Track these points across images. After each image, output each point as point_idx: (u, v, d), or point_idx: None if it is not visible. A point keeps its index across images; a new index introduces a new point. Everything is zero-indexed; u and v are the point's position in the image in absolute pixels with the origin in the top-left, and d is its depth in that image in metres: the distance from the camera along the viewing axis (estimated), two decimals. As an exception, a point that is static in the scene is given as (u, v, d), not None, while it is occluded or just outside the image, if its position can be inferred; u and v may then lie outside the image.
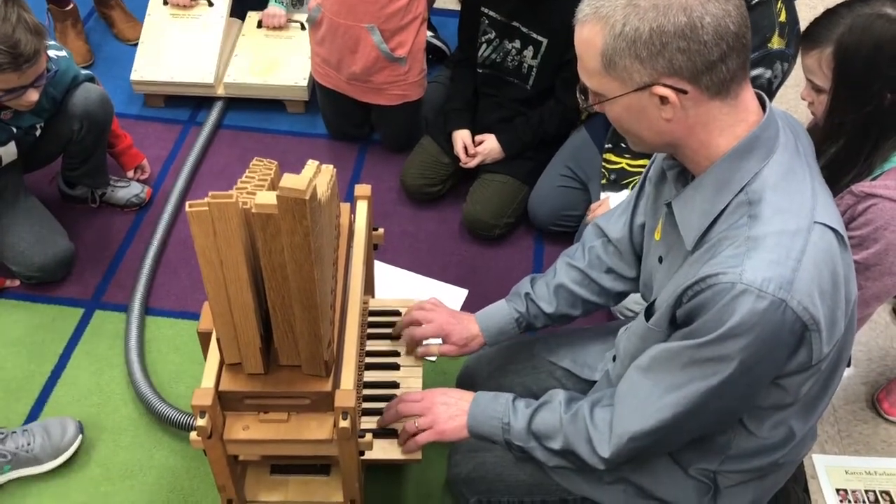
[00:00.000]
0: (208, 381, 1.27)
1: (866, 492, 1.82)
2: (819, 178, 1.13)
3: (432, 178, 2.38)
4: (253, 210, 1.05)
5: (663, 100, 1.04)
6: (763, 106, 1.11)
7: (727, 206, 1.09)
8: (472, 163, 2.30)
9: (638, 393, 1.18)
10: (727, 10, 1.00)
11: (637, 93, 1.04)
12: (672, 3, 0.99)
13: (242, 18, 2.88)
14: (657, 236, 1.28)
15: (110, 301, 2.16)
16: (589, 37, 1.05)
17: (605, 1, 1.03)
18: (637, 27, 1.00)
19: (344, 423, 1.23)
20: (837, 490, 1.82)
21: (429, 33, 2.82)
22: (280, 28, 2.80)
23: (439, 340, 1.53)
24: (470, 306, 2.16)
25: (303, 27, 2.78)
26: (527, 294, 1.49)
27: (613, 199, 2.03)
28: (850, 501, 1.80)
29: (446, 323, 1.51)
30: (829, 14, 1.43)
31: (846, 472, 1.85)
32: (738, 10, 1.02)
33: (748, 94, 1.09)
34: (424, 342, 1.56)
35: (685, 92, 1.03)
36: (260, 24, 2.82)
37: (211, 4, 2.79)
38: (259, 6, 2.86)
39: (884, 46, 1.36)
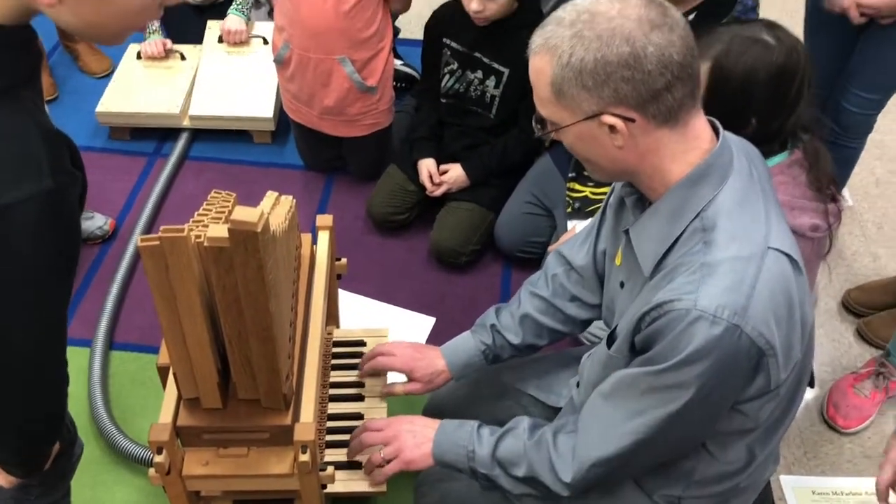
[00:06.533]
0: (166, 416, 1.25)
1: (834, 512, 1.83)
2: (774, 203, 1.14)
3: (399, 206, 2.39)
4: (205, 244, 1.05)
5: (612, 128, 1.05)
6: (717, 133, 1.12)
7: (683, 232, 1.09)
8: (438, 191, 2.31)
9: (600, 419, 1.18)
10: (671, 40, 1.01)
11: (587, 121, 1.06)
12: (616, 34, 1.00)
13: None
14: (618, 262, 1.29)
15: (73, 336, 2.10)
16: (540, 67, 1.07)
17: (554, 32, 1.05)
18: (582, 57, 1.01)
19: (304, 457, 1.22)
20: (805, 511, 1.83)
21: (397, 61, 2.85)
22: (242, 43, 2.79)
23: (403, 378, 1.52)
24: (438, 334, 2.15)
25: (265, 41, 2.77)
26: (492, 325, 1.49)
27: (580, 228, 2.04)
28: (817, 522, 1.81)
29: (410, 359, 1.49)
30: (709, 31, 1.42)
31: (813, 493, 1.85)
32: (684, 41, 1.03)
33: (699, 122, 1.10)
34: (388, 381, 1.56)
35: (633, 120, 1.04)
36: (221, 39, 2.81)
37: (183, 58, 2.80)
38: (218, 14, 2.86)
39: (758, 72, 1.36)
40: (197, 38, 2.84)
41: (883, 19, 1.90)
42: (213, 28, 2.85)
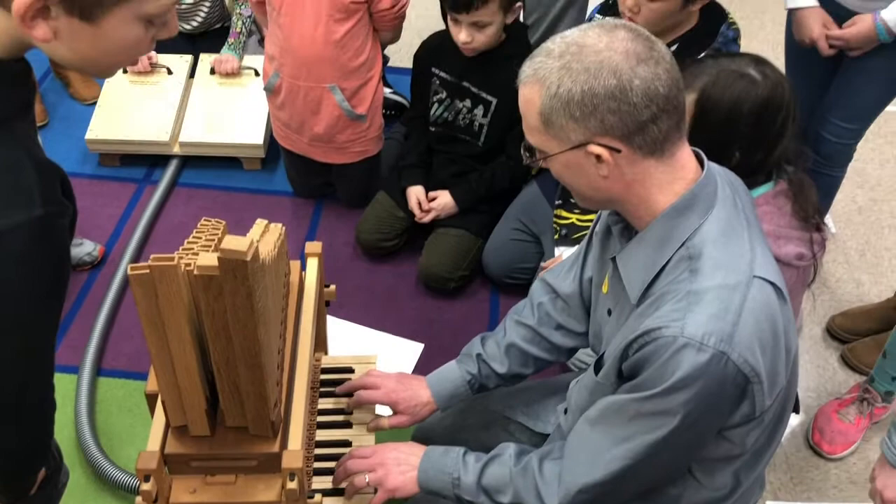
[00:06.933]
0: (154, 443, 1.24)
1: (820, 538, 1.83)
2: (758, 232, 1.16)
3: (387, 232, 2.40)
4: (195, 272, 1.05)
5: (598, 158, 1.06)
6: (701, 163, 1.14)
7: (669, 260, 1.11)
8: (427, 218, 2.33)
9: (586, 445, 1.19)
10: (657, 74, 1.04)
11: (574, 150, 1.07)
12: (603, 66, 1.03)
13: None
14: (605, 290, 1.30)
15: (60, 362, 2.07)
16: (529, 96, 1.09)
17: (543, 63, 1.07)
18: (570, 88, 1.04)
19: (291, 485, 1.22)
20: (791, 537, 1.83)
21: (387, 89, 2.88)
22: (233, 74, 2.81)
23: (389, 410, 1.52)
24: (426, 360, 2.16)
25: (256, 73, 2.79)
26: (478, 355, 1.49)
27: (567, 255, 2.06)
28: (804, 548, 1.82)
29: (393, 391, 1.49)
30: (696, 63, 1.45)
31: (800, 519, 1.87)
32: (669, 74, 1.05)
33: (685, 153, 1.12)
34: (376, 413, 1.56)
35: (619, 151, 1.06)
36: (213, 71, 2.83)
37: (170, 73, 2.81)
38: (209, 44, 2.88)
39: (742, 104, 1.38)
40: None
41: (852, 51, 1.94)
42: (204, 61, 2.87)
